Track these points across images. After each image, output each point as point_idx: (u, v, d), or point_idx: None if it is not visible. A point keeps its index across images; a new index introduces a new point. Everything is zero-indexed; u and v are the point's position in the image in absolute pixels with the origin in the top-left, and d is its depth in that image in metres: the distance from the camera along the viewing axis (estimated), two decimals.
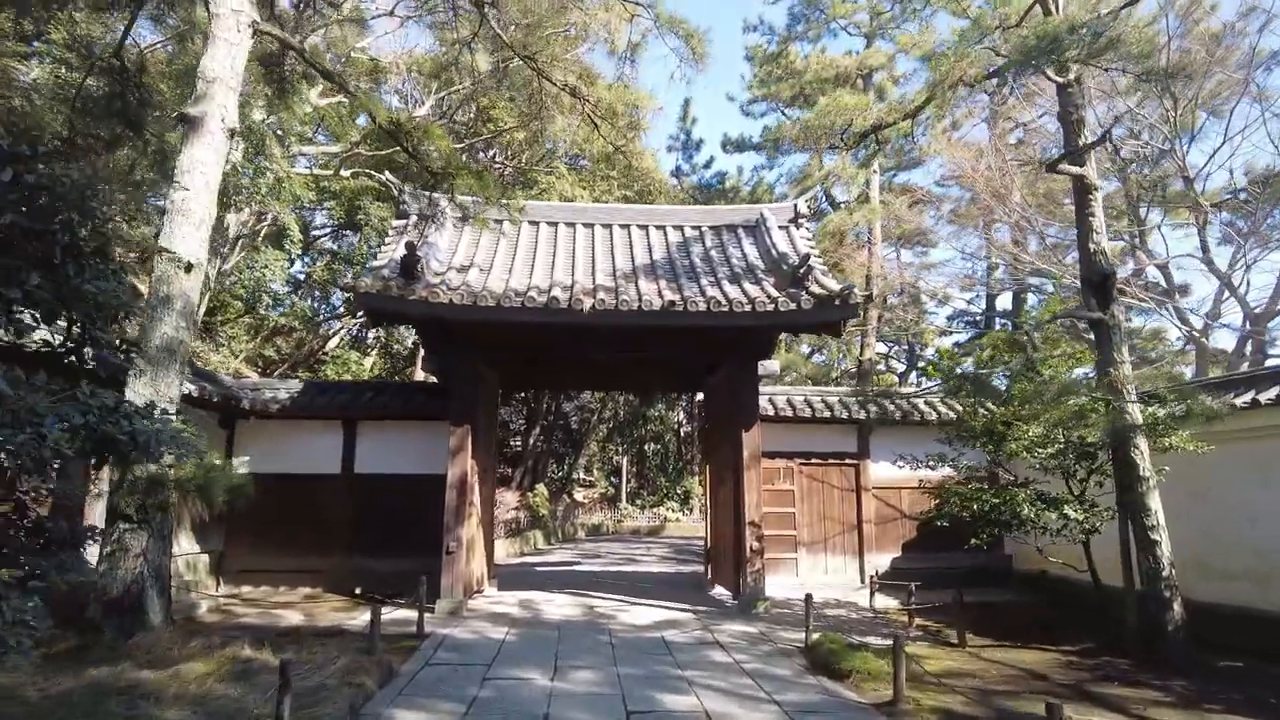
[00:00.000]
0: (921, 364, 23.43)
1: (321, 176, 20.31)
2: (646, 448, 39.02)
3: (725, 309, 9.22)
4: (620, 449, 37.02)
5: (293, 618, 9.30)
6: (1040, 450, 8.23)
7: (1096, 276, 7.60)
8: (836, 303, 9.35)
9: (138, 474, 6.45)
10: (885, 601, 11.07)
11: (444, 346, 10.36)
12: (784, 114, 26.42)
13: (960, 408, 10.54)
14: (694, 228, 12.29)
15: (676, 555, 19.77)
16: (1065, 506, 7.96)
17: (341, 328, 25.60)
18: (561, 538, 25.82)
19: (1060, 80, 8.13)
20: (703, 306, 9.20)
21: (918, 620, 9.73)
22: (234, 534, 11.76)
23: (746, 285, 9.94)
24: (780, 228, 11.89)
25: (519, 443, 34.63)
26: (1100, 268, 7.58)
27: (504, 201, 8.63)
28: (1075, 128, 7.89)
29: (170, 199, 6.95)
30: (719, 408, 11.79)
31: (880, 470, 12.66)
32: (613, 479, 37.28)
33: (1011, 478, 9.35)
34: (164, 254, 6.82)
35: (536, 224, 12.10)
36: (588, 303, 9.13)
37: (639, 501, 34.81)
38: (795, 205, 12.44)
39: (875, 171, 20.43)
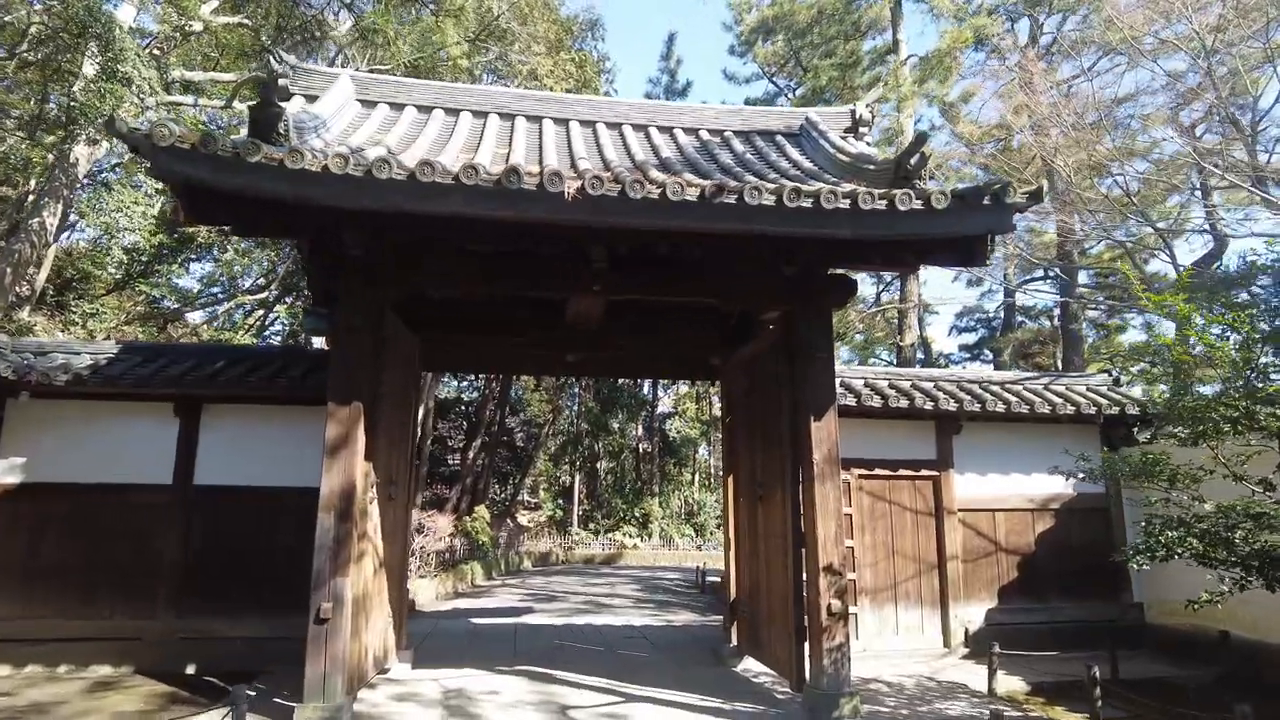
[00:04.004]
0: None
1: (209, 108, 15.96)
2: (599, 465, 35.04)
3: (809, 205, 5.43)
4: (572, 467, 32.89)
5: None
6: None
7: None
8: (986, 201, 5.67)
9: None
10: (1008, 682, 7.32)
11: (332, 276, 6.33)
12: (773, 82, 23.14)
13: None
14: (714, 132, 8.51)
15: (650, 595, 15.79)
16: None
17: (239, 308, 21.14)
18: (505, 569, 21.61)
19: None
20: (770, 199, 5.40)
21: None
22: None
23: (821, 186, 6.20)
24: (840, 137, 8.26)
25: (456, 460, 30.31)
26: None
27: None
28: None
29: None
30: (754, 390, 7.96)
31: (967, 485, 9.02)
32: (560, 501, 33.14)
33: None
34: None
35: (484, 115, 8.15)
36: (571, 185, 5.24)
37: (592, 526, 30.69)
38: (854, 110, 8.79)
39: (912, 116, 17.13)
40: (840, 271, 6.80)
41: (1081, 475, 6.65)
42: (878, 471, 8.72)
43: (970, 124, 20.50)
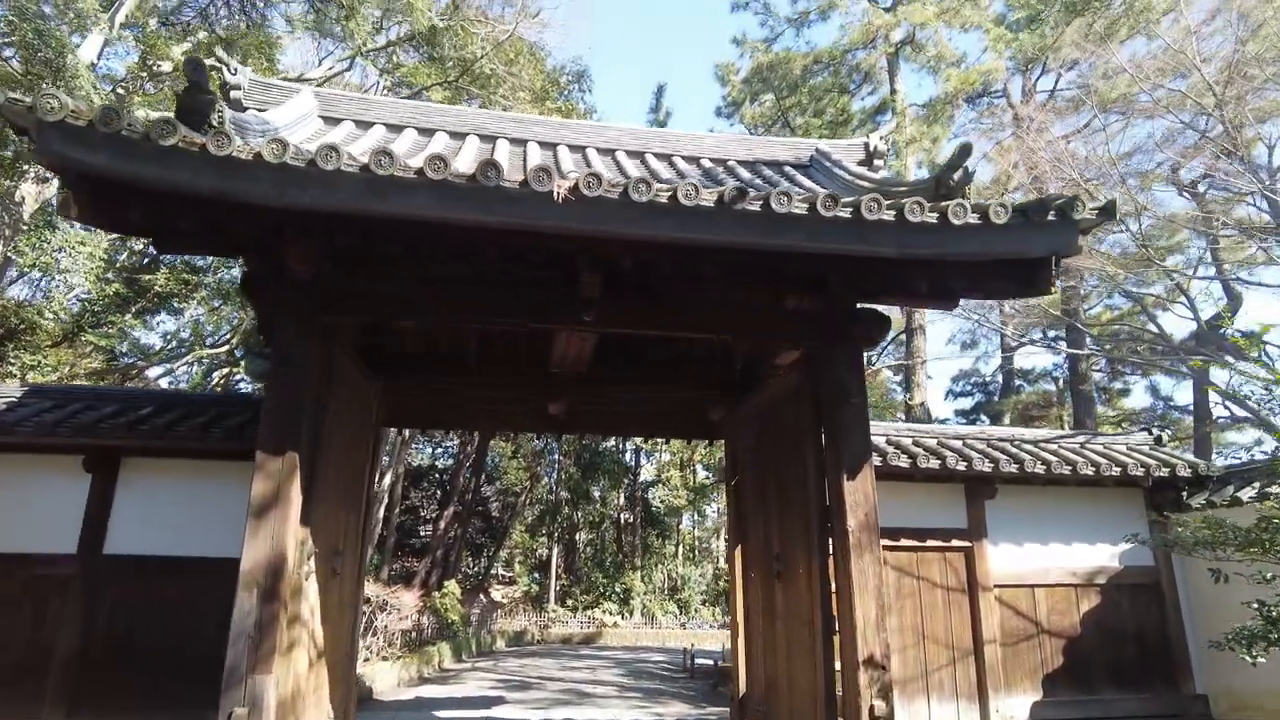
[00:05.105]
0: None
1: None
2: (578, 537, 33.45)
3: (847, 215, 4.54)
4: (549, 538, 31.26)
5: None
6: None
7: None
8: (1051, 217, 4.82)
9: None
10: None
11: (272, 299, 5.29)
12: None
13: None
14: (717, 160, 7.72)
15: (635, 681, 14.34)
16: None
17: (199, 362, 19.88)
18: (476, 650, 19.96)
19: None
20: (802, 207, 4.50)
21: None
22: None
23: (861, 195, 5.33)
24: (855, 166, 7.51)
25: (428, 531, 28.71)
26: None
27: None
28: None
29: None
30: (767, 445, 6.94)
31: (1002, 557, 7.95)
32: (537, 575, 31.41)
33: None
34: None
35: (462, 135, 7.30)
36: (563, 184, 4.32)
37: (570, 602, 28.97)
38: (867, 143, 8.09)
39: (915, 160, 16.62)
40: (870, 306, 5.88)
41: (1149, 544, 5.66)
42: (904, 542, 7.64)
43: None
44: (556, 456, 31.16)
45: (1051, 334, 20.04)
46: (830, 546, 5.48)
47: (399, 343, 7.01)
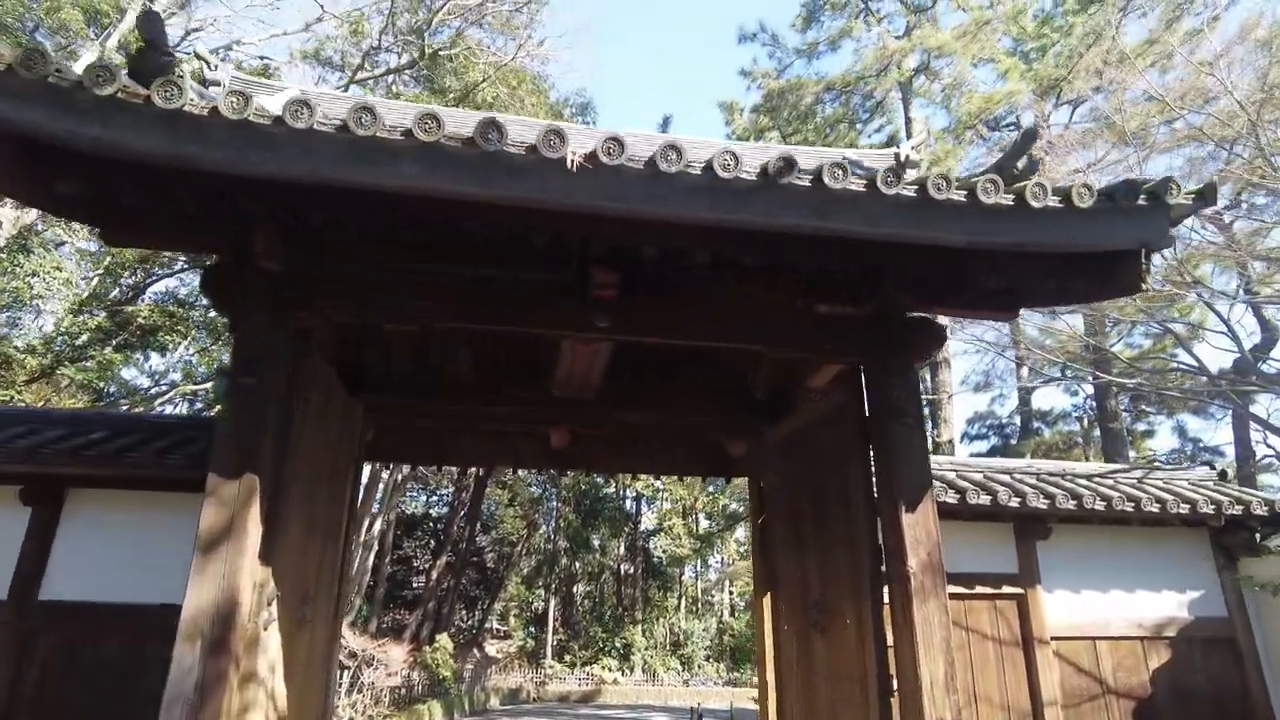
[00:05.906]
0: None
1: None
2: (576, 589, 32.25)
3: (911, 194, 3.87)
4: (546, 590, 30.06)
5: None
6: None
7: None
8: (1141, 201, 4.15)
9: None
10: None
11: (236, 296, 4.56)
12: None
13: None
14: None
15: None
16: None
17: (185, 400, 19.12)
18: (469, 709, 18.77)
19: None
20: (859, 184, 3.84)
21: None
22: None
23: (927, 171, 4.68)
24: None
25: (421, 583, 27.61)
26: None
27: None
28: None
29: None
30: (802, 477, 6.15)
31: (1059, 606, 7.09)
32: (533, 629, 30.15)
33: None
34: None
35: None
36: (578, 150, 3.65)
37: (567, 658, 27.71)
38: (897, 152, 7.48)
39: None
40: (923, 315, 5.17)
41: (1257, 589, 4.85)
42: (950, 589, 6.78)
43: None
44: (555, 504, 30.19)
45: (1070, 373, 19.33)
46: (885, 592, 4.67)
47: (385, 361, 6.27)
